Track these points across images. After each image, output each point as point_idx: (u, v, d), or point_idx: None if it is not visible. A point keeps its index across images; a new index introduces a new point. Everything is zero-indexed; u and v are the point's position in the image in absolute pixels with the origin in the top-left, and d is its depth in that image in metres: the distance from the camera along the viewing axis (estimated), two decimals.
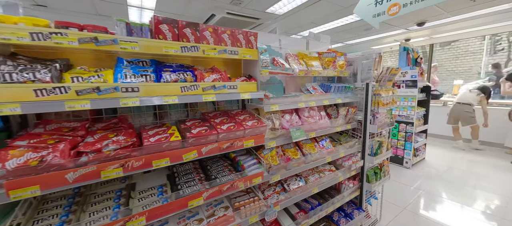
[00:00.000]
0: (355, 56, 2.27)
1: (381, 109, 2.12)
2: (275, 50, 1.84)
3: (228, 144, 1.25)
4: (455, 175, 3.79)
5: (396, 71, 2.28)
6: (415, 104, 4.02)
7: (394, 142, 4.34)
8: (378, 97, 2.09)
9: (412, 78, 4.04)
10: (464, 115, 4.78)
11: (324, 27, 4.52)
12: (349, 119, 2.15)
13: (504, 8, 3.76)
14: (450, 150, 5.06)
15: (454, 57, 12.41)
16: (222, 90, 1.26)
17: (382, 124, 2.20)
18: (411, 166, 4.15)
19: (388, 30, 4.90)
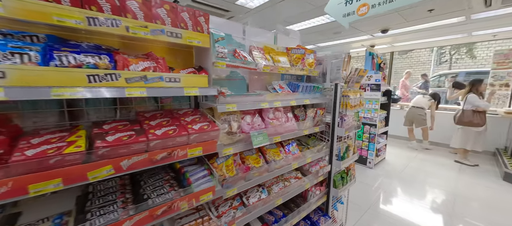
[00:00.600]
0: (325, 55, 2.13)
1: (349, 111, 2.00)
2: (237, 41, 1.57)
3: (164, 154, 0.94)
4: (410, 173, 4.01)
5: (364, 73, 2.20)
6: (378, 107, 4.14)
7: (359, 143, 4.43)
8: (346, 99, 1.96)
9: (376, 82, 4.15)
10: (417, 118, 5.16)
11: (297, 26, 4.41)
12: (318, 121, 1.98)
13: (453, 21, 4.08)
14: (406, 150, 5.41)
15: (408, 66, 13.76)
16: (157, 83, 0.93)
17: (349, 126, 2.09)
18: (373, 166, 4.28)
19: (355, 35, 5.01)
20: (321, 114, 1.97)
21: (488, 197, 3.13)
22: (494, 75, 4.93)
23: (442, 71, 10.14)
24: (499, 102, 4.91)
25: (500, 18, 3.80)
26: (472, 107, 4.11)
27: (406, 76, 6.83)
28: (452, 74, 7.91)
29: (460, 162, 4.44)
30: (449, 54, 13.02)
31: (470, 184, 3.55)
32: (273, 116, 1.56)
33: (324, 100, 2.06)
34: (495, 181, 3.61)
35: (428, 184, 3.58)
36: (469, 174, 3.91)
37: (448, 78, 6.88)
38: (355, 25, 4.35)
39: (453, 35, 4.89)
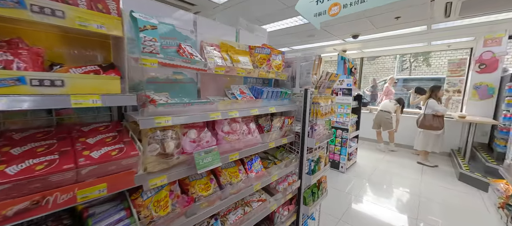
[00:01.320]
0: (295, 57, 1.89)
1: (320, 120, 1.78)
2: (185, 34, 1.23)
3: (21, 206, 0.56)
4: (379, 175, 4.04)
5: (336, 78, 2.01)
6: (350, 112, 4.10)
7: (332, 147, 4.36)
8: (317, 107, 1.74)
9: (348, 86, 4.10)
10: (385, 121, 5.31)
11: (270, 27, 4.17)
12: (286, 131, 1.72)
13: (416, 30, 4.24)
14: (375, 152, 5.54)
15: (375, 72, 14.67)
16: (12, 87, 0.56)
17: (320, 136, 1.87)
18: (345, 170, 4.23)
19: (329, 39, 4.98)
20: (289, 123, 1.71)
21: (447, 198, 3.24)
22: (449, 82, 5.30)
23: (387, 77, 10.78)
24: (452, 107, 5.27)
25: (456, 29, 4.03)
26: (432, 112, 4.30)
27: (389, 82, 6.46)
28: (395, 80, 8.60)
29: (422, 163, 4.62)
30: (409, 62, 14.22)
31: (431, 185, 3.66)
32: (229, 128, 1.25)
33: (293, 107, 1.81)
34: (452, 182, 3.78)
35: (395, 186, 3.63)
36: (430, 175, 4.06)
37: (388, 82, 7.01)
38: (328, 29, 4.27)
39: (415, 43, 5.13)
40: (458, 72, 5.14)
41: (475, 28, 3.99)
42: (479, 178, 3.46)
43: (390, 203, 3.09)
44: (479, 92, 4.31)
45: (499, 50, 4.13)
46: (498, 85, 4.16)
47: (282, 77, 1.74)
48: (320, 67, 1.84)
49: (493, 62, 4.19)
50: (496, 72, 4.18)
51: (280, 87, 1.87)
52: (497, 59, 4.15)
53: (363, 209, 2.95)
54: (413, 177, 3.99)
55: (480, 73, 4.28)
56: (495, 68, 4.17)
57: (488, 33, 4.15)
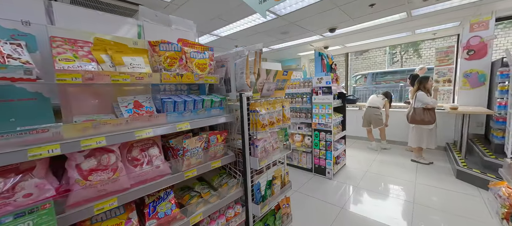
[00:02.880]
0: (228, 54, 1.49)
1: (262, 133, 1.37)
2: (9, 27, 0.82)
3: None
4: (370, 179, 3.60)
5: (286, 76, 1.61)
6: (331, 112, 3.69)
7: (317, 152, 3.94)
8: (255, 116, 1.33)
9: (326, 84, 3.72)
10: (374, 117, 4.92)
11: (237, 26, 3.79)
12: (217, 151, 1.31)
13: (396, 19, 3.88)
14: (366, 151, 5.12)
15: (367, 67, 14.37)
16: None
17: (268, 153, 1.45)
18: (333, 176, 3.80)
19: (305, 35, 4.60)
20: (219, 140, 1.30)
21: (445, 202, 2.81)
22: (438, 72, 4.93)
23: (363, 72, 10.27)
24: (443, 97, 4.89)
25: (439, 14, 3.67)
26: (422, 105, 3.91)
27: (420, 72, 5.18)
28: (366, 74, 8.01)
29: (416, 160, 4.21)
30: (400, 54, 13.95)
31: (427, 187, 3.22)
32: (94, 164, 0.83)
33: (229, 118, 1.40)
34: (449, 180, 3.35)
35: (389, 192, 3.19)
36: (426, 175, 3.63)
37: (364, 78, 6.60)
38: (299, 23, 3.90)
39: (399, 34, 4.77)
40: (447, 61, 4.78)
41: (459, 12, 3.63)
42: (478, 175, 3.04)
43: (382, 214, 2.65)
44: (470, 81, 3.92)
45: (486, 34, 3.76)
46: (489, 72, 3.79)
47: (209, 80, 1.33)
48: (259, 64, 1.44)
49: (482, 48, 3.82)
50: (485, 58, 3.81)
51: (215, 93, 1.46)
52: (485, 44, 3.79)
53: (352, 224, 2.50)
54: (407, 178, 3.56)
55: (469, 60, 3.91)
56: (484, 53, 3.80)
57: (474, 17, 3.80)
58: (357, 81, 8.30)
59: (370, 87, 7.79)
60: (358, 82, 8.30)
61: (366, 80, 7.74)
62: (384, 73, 8.40)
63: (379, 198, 3.05)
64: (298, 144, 4.20)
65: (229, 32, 4.06)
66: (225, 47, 5.29)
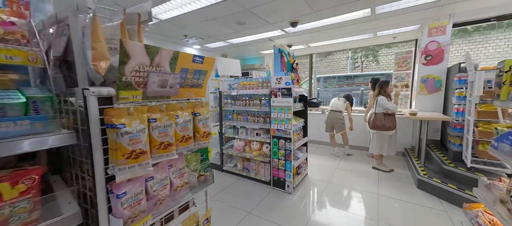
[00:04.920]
0: (71, 10, 0.76)
1: (129, 170, 0.69)
2: None
3: None
4: (331, 192, 3.22)
5: (202, 65, 0.95)
6: (290, 117, 3.20)
7: (276, 162, 3.40)
8: (114, 136, 0.64)
9: (286, 85, 3.21)
10: (337, 122, 4.68)
11: (178, 5, 3.02)
12: (8, 217, 0.58)
13: (359, 16, 3.62)
14: (329, 158, 4.83)
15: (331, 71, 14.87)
16: None
17: (161, 200, 0.78)
18: (292, 190, 3.30)
19: (264, 28, 4.06)
20: (12, 193, 0.57)
21: (409, 218, 2.54)
22: (396, 77, 4.94)
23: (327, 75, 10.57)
24: (401, 102, 4.91)
25: (401, 14, 3.51)
26: (382, 110, 3.72)
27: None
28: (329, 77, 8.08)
29: (377, 168, 4.03)
30: (360, 60, 14.81)
31: (391, 200, 2.96)
32: None
33: (64, 140, 0.67)
34: (411, 191, 3.16)
35: (350, 207, 2.84)
36: (388, 185, 3.41)
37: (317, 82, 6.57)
38: (259, 13, 3.33)
39: (362, 35, 4.61)
40: (405, 66, 4.80)
41: (421, 12, 3.53)
42: (439, 186, 2.87)
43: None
44: (427, 86, 3.90)
45: (443, 40, 3.76)
46: (445, 78, 3.80)
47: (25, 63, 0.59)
48: (101, 34, 0.74)
49: (439, 53, 3.81)
50: (442, 63, 3.81)
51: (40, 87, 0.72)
52: (442, 50, 3.78)
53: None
54: (369, 189, 3.27)
55: (427, 65, 3.87)
56: (441, 59, 3.80)
57: (433, 21, 3.77)
58: (321, 83, 8.24)
59: (333, 90, 7.78)
60: (327, 85, 8.22)
61: (322, 83, 7.70)
62: (346, 77, 8.52)
63: (342, 216, 2.65)
64: (255, 153, 3.62)
65: (170, 14, 3.25)
66: (172, 37, 4.43)
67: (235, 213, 2.76)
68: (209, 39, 4.62)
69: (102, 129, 0.71)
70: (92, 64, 0.67)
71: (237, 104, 3.77)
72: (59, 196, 0.77)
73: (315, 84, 7.24)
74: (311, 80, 6.38)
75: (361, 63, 14.58)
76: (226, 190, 3.42)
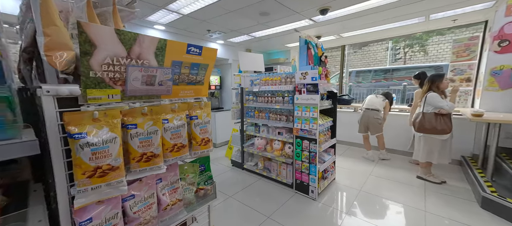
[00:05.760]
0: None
1: (93, 192, 0.53)
2: None
3: None
4: (363, 202, 2.79)
5: (200, 58, 0.75)
6: (316, 116, 2.86)
7: (299, 164, 3.12)
8: (75, 147, 0.48)
9: (312, 80, 2.87)
10: (373, 122, 4.12)
11: (201, 2, 2.91)
12: None
13: None
14: (361, 162, 4.31)
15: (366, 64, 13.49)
16: None
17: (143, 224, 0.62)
18: (317, 196, 2.99)
19: (290, 18, 3.71)
20: None
21: None
22: (454, 69, 4.08)
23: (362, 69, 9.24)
24: (459, 100, 4.06)
25: None
26: (433, 110, 3.09)
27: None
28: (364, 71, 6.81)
29: (424, 178, 3.41)
30: (403, 50, 13.04)
31: (442, 218, 2.41)
32: None
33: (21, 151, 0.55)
34: (472, 210, 2.54)
35: (390, 220, 2.43)
36: (439, 200, 2.82)
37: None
38: (284, 1, 3.02)
39: (409, 20, 3.89)
40: (467, 55, 3.92)
41: None
42: None
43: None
44: (499, 80, 3.09)
45: None
46: None
47: None
48: (116, 21, 0.58)
49: None
50: None
51: None
52: None
53: None
54: (413, 203, 2.75)
55: (501, 53, 3.05)
56: None
57: None
58: (353, 78, 7.40)
59: (368, 86, 6.96)
60: (360, 79, 7.35)
61: (354, 77, 6.87)
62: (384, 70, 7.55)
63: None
64: (277, 153, 3.39)
65: (192, 8, 3.17)
66: (196, 33, 4.40)
67: (254, 216, 2.58)
68: (232, 33, 4.47)
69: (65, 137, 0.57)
70: (44, 55, 0.53)
71: (259, 101, 3.56)
72: (31, 211, 0.67)
73: (346, 79, 6.58)
74: (342, 74, 5.79)
75: (404, 55, 12.85)
76: (246, 189, 3.27)
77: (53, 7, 0.55)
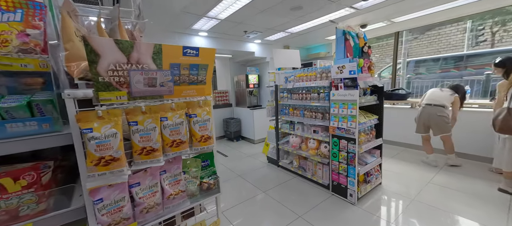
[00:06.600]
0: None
1: (99, 177, 0.63)
2: None
3: None
4: (418, 214, 2.31)
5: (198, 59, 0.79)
6: (355, 113, 2.54)
7: (335, 164, 2.87)
8: (86, 140, 0.59)
9: (350, 75, 2.56)
10: (437, 120, 3.35)
11: (230, 3, 3.01)
12: (15, 209, 0.65)
13: None
14: (418, 167, 3.59)
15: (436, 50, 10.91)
16: None
17: (148, 208, 0.72)
18: (356, 201, 2.69)
19: (326, 9, 3.38)
20: (15, 188, 0.63)
21: None
22: None
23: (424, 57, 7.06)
24: None
25: None
26: None
27: None
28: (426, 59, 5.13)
29: (509, 191, 2.57)
30: (491, 31, 9.93)
31: None
32: None
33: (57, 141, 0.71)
34: None
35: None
36: None
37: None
38: None
39: None
40: None
41: None
42: None
43: None
44: None
45: None
46: None
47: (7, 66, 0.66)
48: (120, 31, 0.67)
49: None
50: None
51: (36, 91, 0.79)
52: None
53: None
54: (490, 223, 2.10)
55: None
56: None
57: None
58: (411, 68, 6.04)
59: (433, 77, 5.61)
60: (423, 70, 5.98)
61: (412, 68, 5.56)
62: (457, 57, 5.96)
63: None
64: (312, 152, 3.20)
65: (228, 12, 3.32)
66: (234, 35, 4.57)
67: (285, 213, 2.52)
68: (268, 32, 4.43)
69: None
70: (65, 66, 0.66)
71: (294, 98, 3.43)
72: (77, 187, 0.85)
73: (404, 71, 5.56)
74: (396, 66, 4.93)
75: (492, 36, 9.79)
76: (280, 186, 3.23)
77: (70, 26, 0.68)
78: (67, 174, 0.97)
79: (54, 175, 0.83)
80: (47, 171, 0.75)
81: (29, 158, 0.78)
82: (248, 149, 5.12)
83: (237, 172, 3.82)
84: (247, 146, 5.33)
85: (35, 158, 0.79)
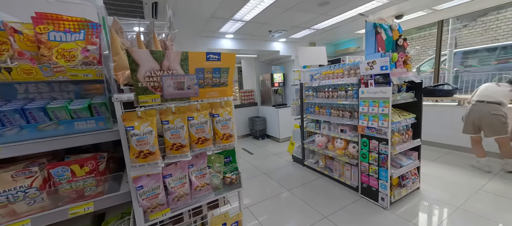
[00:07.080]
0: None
1: (140, 168, 0.74)
2: None
3: None
4: (461, 224, 2.04)
5: (220, 63, 0.86)
6: (387, 112, 2.35)
7: (365, 166, 2.71)
8: (129, 136, 0.71)
9: (382, 70, 2.38)
10: (491, 119, 2.87)
11: (256, 4, 3.05)
12: (82, 189, 0.81)
13: None
14: (466, 172, 3.13)
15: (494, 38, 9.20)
16: None
17: (178, 197, 0.82)
18: (389, 205, 2.49)
19: (356, 2, 3.16)
20: (81, 173, 0.78)
21: None
22: None
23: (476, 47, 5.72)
24: None
25: None
26: None
27: None
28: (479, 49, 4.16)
29: None
30: None
31: None
32: None
33: (107, 136, 0.85)
34: None
35: None
36: None
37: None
38: None
39: None
40: None
41: None
42: None
43: None
44: None
45: None
46: None
47: (75, 76, 0.83)
48: (147, 43, 0.78)
49: None
50: None
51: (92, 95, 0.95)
52: None
53: None
54: None
55: None
56: None
57: None
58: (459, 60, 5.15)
59: (487, 70, 4.73)
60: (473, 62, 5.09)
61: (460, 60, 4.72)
62: None
63: None
64: (339, 152, 3.06)
65: (253, 13, 3.38)
66: (259, 36, 4.61)
67: (310, 213, 2.48)
68: (293, 30, 4.35)
69: None
70: (114, 74, 0.79)
71: (319, 97, 3.31)
72: (125, 175, 1.01)
73: (450, 63, 4.86)
74: (440, 58, 4.34)
75: None
76: (305, 186, 3.18)
77: (117, 42, 0.81)
78: (117, 164, 1.14)
79: (108, 164, 1.00)
80: (103, 160, 0.91)
81: (89, 150, 0.95)
82: (273, 147, 5.13)
83: (263, 170, 3.87)
84: (272, 144, 5.35)
85: (94, 150, 0.96)
